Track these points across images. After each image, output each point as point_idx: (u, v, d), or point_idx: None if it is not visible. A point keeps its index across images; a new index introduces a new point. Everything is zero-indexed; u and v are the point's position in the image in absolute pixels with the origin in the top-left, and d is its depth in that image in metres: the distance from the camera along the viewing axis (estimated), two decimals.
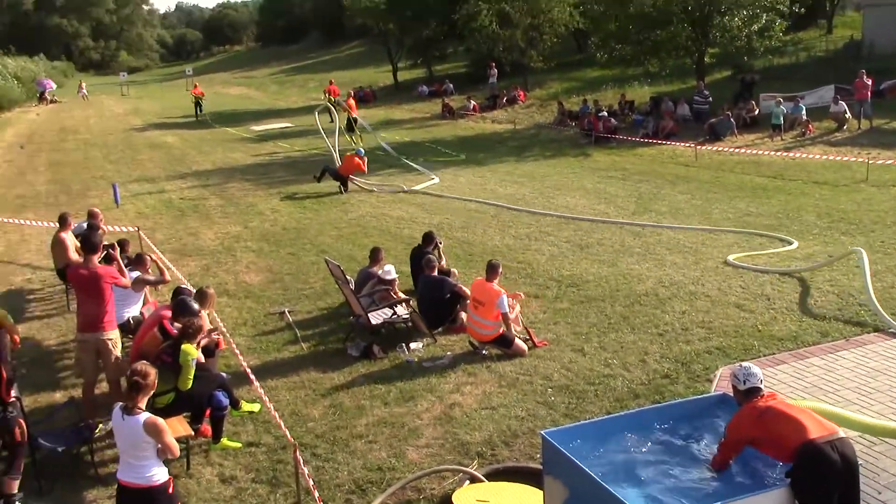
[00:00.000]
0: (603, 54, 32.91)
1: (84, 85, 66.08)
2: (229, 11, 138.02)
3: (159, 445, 5.77)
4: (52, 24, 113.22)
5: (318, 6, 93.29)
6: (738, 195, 19.00)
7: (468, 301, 10.64)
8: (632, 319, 10.99)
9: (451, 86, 44.01)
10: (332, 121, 27.89)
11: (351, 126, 31.72)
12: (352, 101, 35.01)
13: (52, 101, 58.91)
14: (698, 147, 24.90)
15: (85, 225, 13.29)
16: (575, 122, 31.06)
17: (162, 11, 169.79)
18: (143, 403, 5.88)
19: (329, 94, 41.94)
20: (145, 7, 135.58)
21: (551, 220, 17.28)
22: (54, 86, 64.55)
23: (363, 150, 22.62)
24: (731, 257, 13.49)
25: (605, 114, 29.40)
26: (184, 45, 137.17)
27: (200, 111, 44.33)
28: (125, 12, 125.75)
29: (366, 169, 22.12)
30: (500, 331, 10.06)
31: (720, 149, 24.82)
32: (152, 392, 6.19)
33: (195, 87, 48.58)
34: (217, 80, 76.81)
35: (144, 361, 6.53)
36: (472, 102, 38.11)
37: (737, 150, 24.50)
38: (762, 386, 5.89)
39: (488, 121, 35.46)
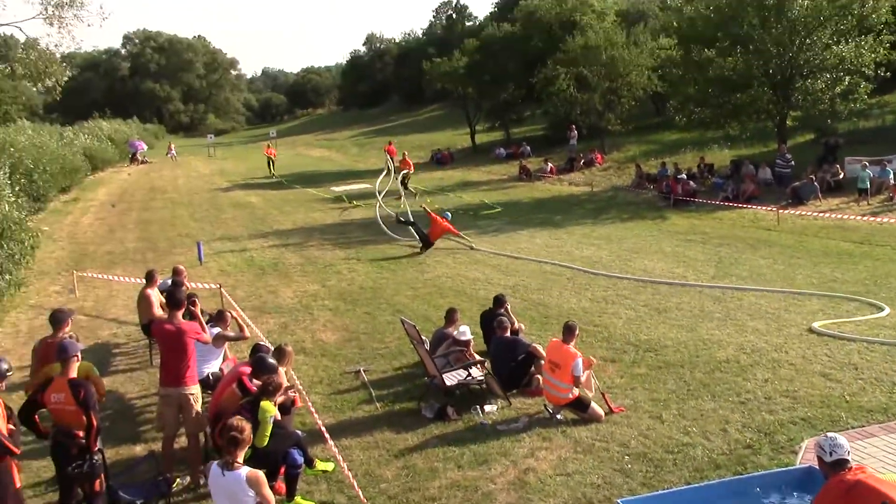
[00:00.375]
0: (682, 117, 32.72)
1: (173, 146, 68.58)
2: (313, 76, 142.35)
3: (258, 499, 5.83)
4: (145, 88, 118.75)
5: (398, 71, 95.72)
6: (823, 261, 18.50)
7: (543, 362, 10.53)
8: (712, 387, 10.71)
9: (528, 148, 44.26)
10: (399, 180, 28.48)
11: (405, 183, 33.09)
12: (409, 160, 36.34)
13: (142, 162, 61.20)
14: (781, 211, 24.37)
15: (169, 281, 13.66)
16: (653, 185, 30.83)
17: (249, 76, 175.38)
18: (241, 458, 5.95)
19: (387, 154, 44.49)
20: (233, 72, 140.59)
21: (629, 284, 17.08)
22: (145, 147, 67.09)
23: (450, 214, 22.73)
24: (816, 324, 13.08)
25: (684, 177, 29.12)
26: (269, 108, 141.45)
27: (272, 170, 47.03)
28: (214, 77, 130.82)
29: (456, 230, 22.11)
30: (577, 394, 9.92)
31: (803, 213, 24.25)
32: (248, 446, 6.28)
33: (268, 147, 51.64)
34: (300, 141, 78.91)
35: (239, 417, 6.65)
36: (550, 164, 38.21)
37: (821, 214, 23.91)
38: (850, 458, 5.63)
39: (565, 183, 35.46)
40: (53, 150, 37.34)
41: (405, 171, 34.82)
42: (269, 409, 8.03)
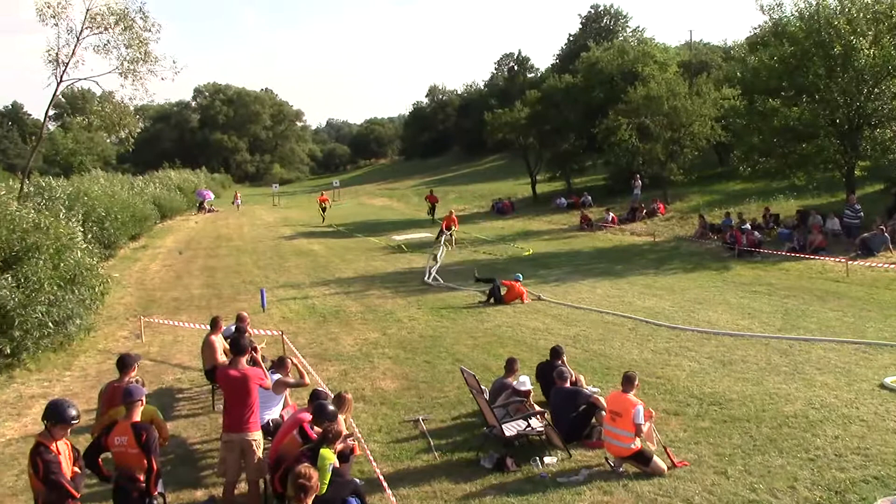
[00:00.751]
0: (746, 167, 32.27)
1: (239, 195, 70.27)
2: (376, 127, 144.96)
3: None
4: (214, 139, 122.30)
5: (460, 122, 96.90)
6: (894, 313, 17.94)
7: (604, 413, 10.38)
8: (779, 442, 10.40)
9: (590, 198, 44.15)
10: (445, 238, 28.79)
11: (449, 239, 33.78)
12: (454, 217, 36.57)
13: (209, 210, 62.72)
14: (850, 262, 23.79)
15: (233, 328, 13.87)
16: (717, 236, 30.41)
17: (313, 127, 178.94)
18: None
19: (429, 202, 47.77)
20: (298, 124, 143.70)
21: (692, 335, 16.78)
22: (212, 196, 68.82)
23: (521, 276, 22.67)
24: (888, 379, 12.65)
25: (749, 227, 28.67)
26: (332, 158, 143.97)
27: (323, 216, 50.03)
28: (280, 129, 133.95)
29: (527, 298, 21.71)
30: (639, 446, 9.73)
31: (873, 265, 23.61)
32: (315, 493, 6.32)
33: (321, 195, 55.49)
34: (362, 191, 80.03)
35: (307, 464, 6.69)
36: (611, 214, 38.01)
37: (892, 265, 23.24)
38: None
39: (627, 233, 35.20)
40: (124, 198, 38.52)
41: (452, 229, 34.93)
42: (329, 456, 8.05)
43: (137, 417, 8.16)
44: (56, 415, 7.57)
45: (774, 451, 10.13)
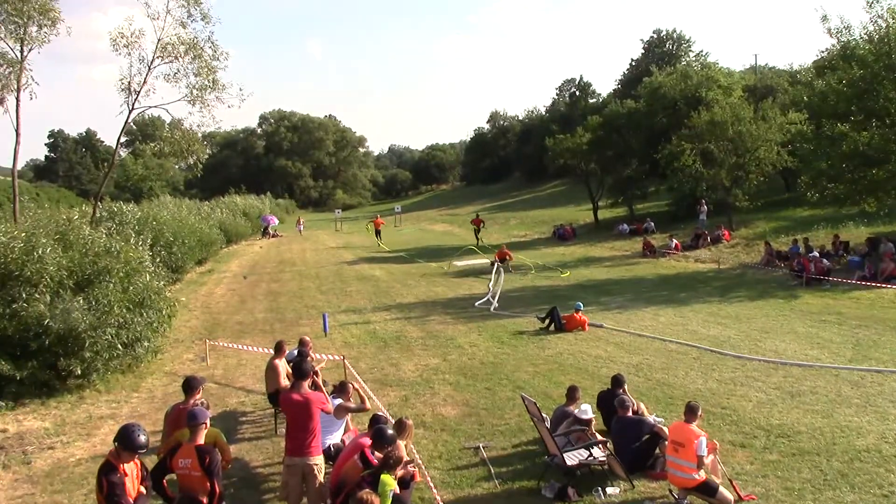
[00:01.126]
0: (814, 193, 31.58)
1: (302, 221, 71.25)
2: (437, 153, 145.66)
3: None
4: (278, 165, 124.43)
5: (521, 147, 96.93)
6: None
7: (667, 443, 10.19)
8: (851, 477, 10.09)
9: (653, 224, 43.67)
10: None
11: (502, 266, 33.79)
12: (508, 250, 36.54)
13: (273, 235, 63.66)
14: None
15: (296, 352, 14.00)
16: (784, 263, 29.77)
17: (376, 153, 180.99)
18: None
19: (474, 226, 49.98)
20: (361, 150, 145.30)
21: (758, 365, 16.41)
22: (276, 221, 69.77)
23: (581, 304, 22.49)
24: None
25: (817, 254, 28.01)
26: (394, 184, 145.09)
27: (379, 239, 51.81)
28: (343, 154, 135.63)
29: (587, 327, 21.49)
30: (703, 477, 9.52)
31: None
32: None
33: (376, 217, 57.04)
34: (423, 217, 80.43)
35: (368, 490, 6.73)
36: (675, 241, 37.51)
37: None
38: None
39: (691, 260, 34.66)
40: (191, 223, 39.35)
41: (507, 261, 34.97)
42: (390, 482, 8.06)
43: (201, 440, 8.28)
44: (126, 441, 7.74)
45: (846, 487, 9.84)
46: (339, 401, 11.08)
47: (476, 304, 26.19)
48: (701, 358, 17.33)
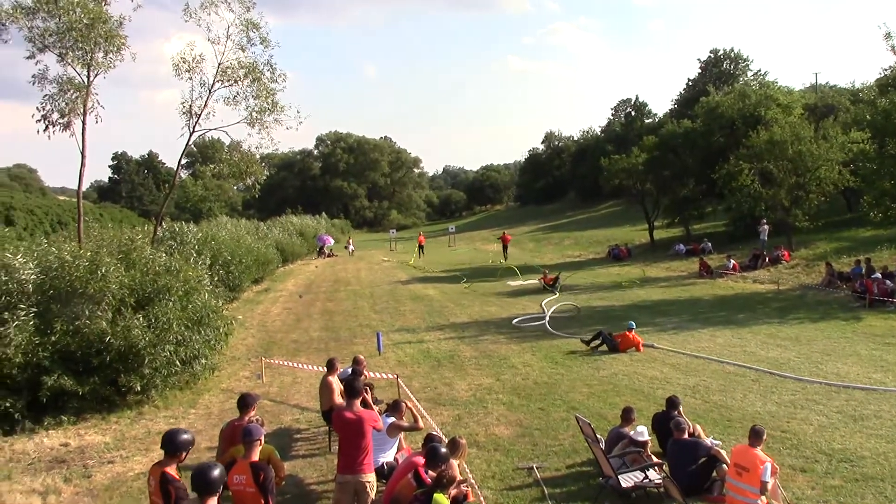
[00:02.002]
0: (877, 213, 30.82)
1: (352, 241, 71.60)
2: (492, 174, 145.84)
3: None
4: (334, 186, 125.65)
5: (575, 168, 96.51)
6: None
7: (726, 467, 10.00)
8: None
9: (710, 244, 43.04)
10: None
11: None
12: (550, 276, 36.52)
13: (329, 255, 64.22)
14: None
15: (350, 370, 14.07)
16: (846, 284, 29.06)
17: (430, 174, 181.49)
18: None
19: (502, 242, 52.13)
20: (416, 170, 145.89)
21: (820, 388, 16.02)
22: (332, 241, 70.36)
23: (633, 324, 22.24)
24: None
25: (880, 276, 27.29)
26: (448, 204, 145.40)
27: (421, 255, 54.17)
28: (398, 175, 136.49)
29: (642, 348, 21.28)
30: (765, 502, 9.30)
31: None
32: None
33: (420, 235, 61.03)
34: (477, 237, 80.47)
35: None
36: (732, 261, 36.88)
37: None
38: None
39: (749, 280, 34.03)
40: (248, 243, 39.91)
41: (557, 283, 35.20)
42: (443, 501, 8.02)
43: (256, 457, 8.34)
44: (169, 443, 7.81)
45: None
46: (392, 419, 11.09)
47: (514, 321, 26.25)
48: (760, 380, 16.99)
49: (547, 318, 26.74)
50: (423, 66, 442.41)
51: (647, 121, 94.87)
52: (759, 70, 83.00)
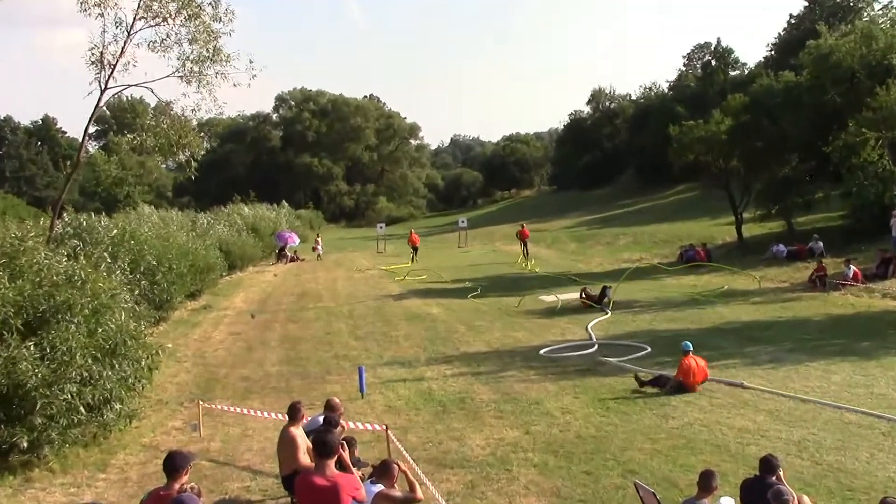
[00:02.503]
0: None
1: (321, 241, 70.98)
2: (518, 146, 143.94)
3: None
4: (300, 164, 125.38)
5: (634, 138, 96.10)
6: None
7: None
8: None
9: (821, 244, 42.86)
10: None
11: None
12: (589, 295, 36.36)
13: (293, 259, 64.20)
14: None
15: (321, 419, 14.01)
16: None
17: (433, 147, 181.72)
18: None
19: (520, 238, 55.94)
20: (413, 142, 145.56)
21: None
22: (297, 240, 70.01)
23: (690, 345, 22.13)
24: None
25: None
26: (457, 189, 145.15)
27: (415, 259, 56.56)
28: (388, 149, 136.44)
29: (707, 373, 21.36)
30: None
31: None
32: None
33: (411, 232, 63.23)
34: (498, 233, 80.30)
35: None
36: (853, 268, 36.71)
37: None
38: None
39: (876, 294, 33.88)
40: (182, 243, 39.84)
41: (608, 296, 35.16)
42: None
43: None
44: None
45: None
46: (379, 487, 11.03)
47: (542, 351, 26.32)
48: (892, 433, 16.92)
49: (595, 347, 26.69)
50: (426, 5, 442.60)
51: (732, 73, 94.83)
52: (891, 2, 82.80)
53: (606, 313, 33.08)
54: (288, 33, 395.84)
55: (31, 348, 16.71)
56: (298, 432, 13.39)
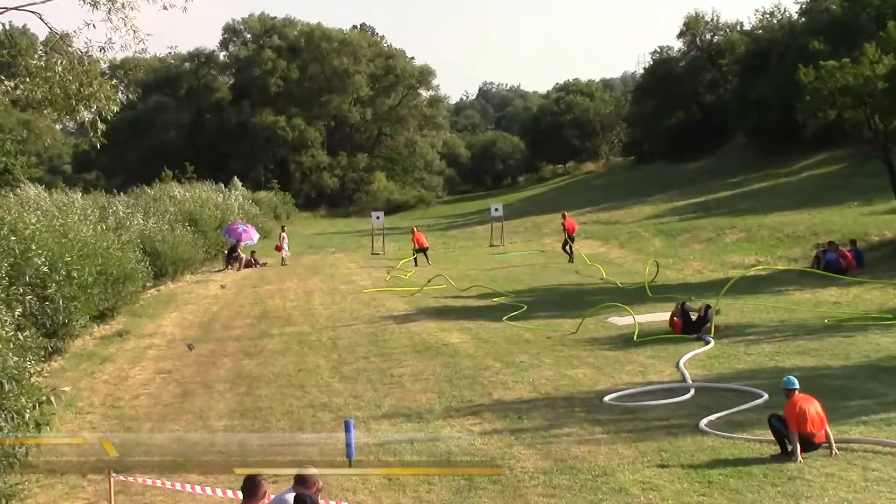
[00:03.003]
0: None
1: (286, 238, 70.30)
2: (576, 99, 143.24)
3: None
4: (258, 123, 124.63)
5: (745, 87, 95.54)
6: None
7: None
8: None
9: None
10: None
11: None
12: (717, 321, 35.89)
13: (248, 264, 64.09)
14: None
15: (290, 499, 13.94)
16: None
17: (454, 101, 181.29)
18: None
19: (565, 230, 58.19)
20: (425, 94, 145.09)
21: None
22: (256, 236, 69.75)
23: (795, 381, 21.95)
24: None
25: None
26: (488, 161, 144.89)
27: (417, 259, 59.11)
28: (388, 103, 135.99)
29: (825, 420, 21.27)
30: None
31: None
32: None
33: (413, 231, 62.78)
34: (545, 225, 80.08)
35: None
36: None
37: None
38: None
39: None
40: (87, 240, 39.76)
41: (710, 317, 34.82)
42: None
43: None
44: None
45: None
46: None
47: (607, 398, 26.22)
48: None
49: (690, 393, 26.56)
50: None
51: None
52: None
53: (707, 343, 32.92)
54: None
55: None
56: None
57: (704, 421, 24.04)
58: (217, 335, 39.44)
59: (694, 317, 35.18)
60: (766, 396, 24.61)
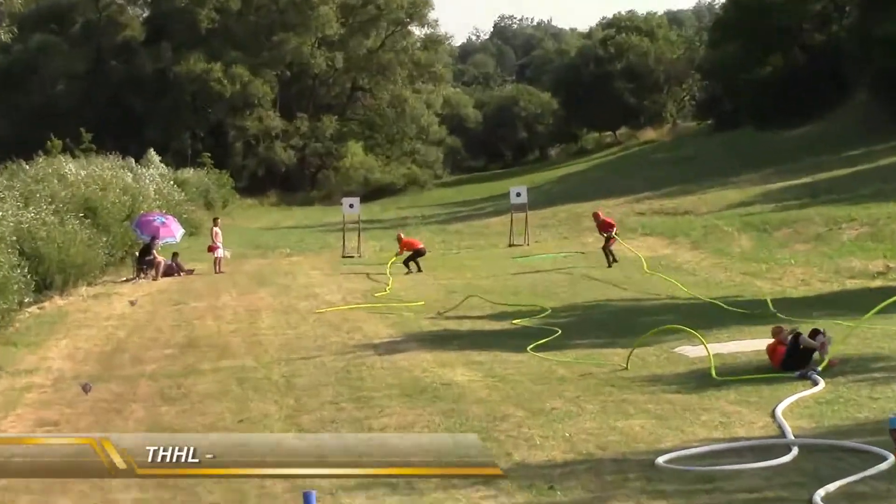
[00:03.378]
0: None
1: (219, 233, 70.15)
2: (631, 40, 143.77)
3: None
4: (185, 74, 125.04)
5: (869, 26, 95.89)
6: None
7: None
8: None
9: None
10: None
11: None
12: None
13: (169, 271, 64.22)
14: None
15: None
16: None
17: (458, 43, 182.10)
18: None
19: (599, 229, 60.18)
20: (417, 32, 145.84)
21: None
22: (180, 233, 69.98)
23: None
24: None
25: None
26: (507, 127, 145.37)
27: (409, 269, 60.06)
28: (365, 46, 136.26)
29: None
30: None
31: None
32: None
33: (400, 237, 64.63)
34: (585, 215, 79.79)
35: None
36: None
37: None
38: None
39: None
40: None
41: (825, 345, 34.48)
42: None
43: None
44: None
45: None
46: None
47: (661, 459, 25.85)
48: None
49: (793, 453, 26.50)
50: None
51: None
52: None
53: (816, 383, 32.81)
54: None
55: None
56: None
57: (820, 494, 24.02)
58: (124, 372, 39.43)
59: (801, 347, 34.91)
60: (892, 458, 24.51)
